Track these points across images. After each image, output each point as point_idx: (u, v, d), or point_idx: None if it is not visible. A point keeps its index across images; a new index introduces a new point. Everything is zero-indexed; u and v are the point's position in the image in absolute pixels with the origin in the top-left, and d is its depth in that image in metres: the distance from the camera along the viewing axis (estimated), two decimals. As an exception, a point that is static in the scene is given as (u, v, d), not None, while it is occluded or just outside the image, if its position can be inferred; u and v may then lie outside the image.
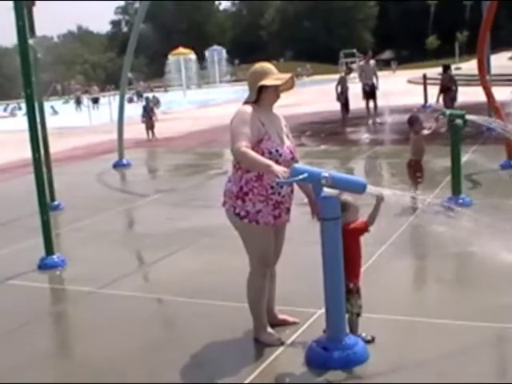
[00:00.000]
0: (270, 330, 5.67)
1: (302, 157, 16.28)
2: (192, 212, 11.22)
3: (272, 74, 5.43)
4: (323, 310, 5.28)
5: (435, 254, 8.28)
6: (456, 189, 10.03)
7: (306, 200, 5.69)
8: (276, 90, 5.45)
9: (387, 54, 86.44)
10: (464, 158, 11.40)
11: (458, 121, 10.13)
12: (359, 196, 5.08)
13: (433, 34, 75.06)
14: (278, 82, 5.39)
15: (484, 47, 13.82)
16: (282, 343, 5.52)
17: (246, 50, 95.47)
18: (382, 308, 6.13)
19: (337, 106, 23.94)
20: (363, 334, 5.40)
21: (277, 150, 5.31)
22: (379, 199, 5.16)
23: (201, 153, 19.07)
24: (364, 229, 5.30)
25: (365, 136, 19.94)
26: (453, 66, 24.78)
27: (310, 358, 5.09)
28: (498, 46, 18.53)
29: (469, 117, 10.37)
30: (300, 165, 5.01)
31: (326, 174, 4.82)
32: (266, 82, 5.36)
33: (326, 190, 4.91)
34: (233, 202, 5.38)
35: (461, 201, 9.69)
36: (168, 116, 30.25)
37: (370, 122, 22.64)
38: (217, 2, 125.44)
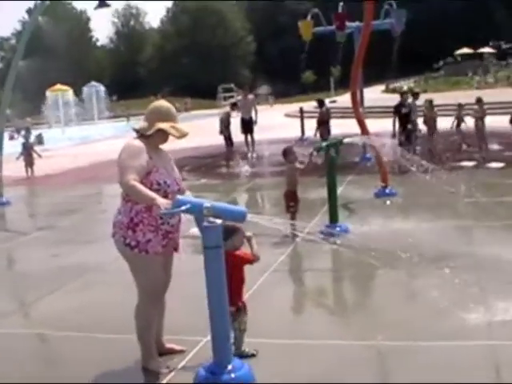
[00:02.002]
0: (158, 358, 5.78)
1: (183, 191, 16.14)
2: (74, 248, 11.08)
3: (172, 119, 5.66)
4: (209, 338, 5.42)
5: (315, 278, 8.59)
6: (333, 217, 10.39)
7: (189, 232, 5.87)
8: (167, 136, 5.67)
9: (264, 89, 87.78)
10: (340, 188, 11.79)
11: (332, 152, 10.55)
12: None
13: (308, 69, 77.01)
14: (172, 132, 5.62)
15: (357, 81, 14.41)
16: (171, 370, 5.64)
17: (124, 87, 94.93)
18: (265, 333, 6.31)
19: (216, 141, 24.21)
20: (246, 350, 5.71)
21: (165, 182, 5.52)
22: (247, 238, 5.62)
23: (81, 189, 18.77)
24: (250, 262, 5.68)
25: (244, 169, 20.25)
26: (328, 100, 25.57)
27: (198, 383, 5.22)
28: (371, 79, 19.25)
29: (348, 139, 10.83)
30: (183, 196, 5.17)
31: (208, 205, 5.01)
32: (166, 127, 5.57)
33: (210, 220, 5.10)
34: (123, 232, 5.50)
35: (338, 228, 10.05)
36: (47, 153, 29.75)
37: (249, 155, 22.96)
38: (94, 39, 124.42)
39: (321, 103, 22.79)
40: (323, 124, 21.42)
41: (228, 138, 22.64)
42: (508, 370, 5.26)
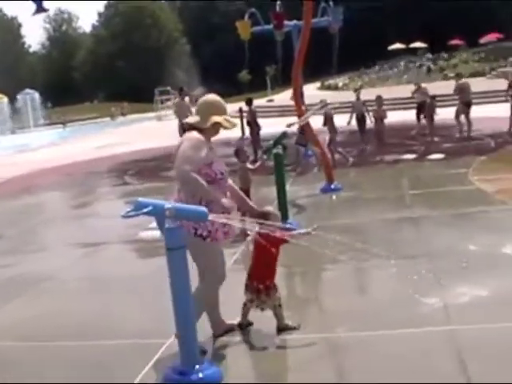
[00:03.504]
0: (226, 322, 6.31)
1: (126, 195, 16.26)
2: (24, 257, 10.82)
3: (223, 111, 6.01)
4: (172, 339, 5.46)
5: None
6: (283, 215, 10.44)
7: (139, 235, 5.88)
8: (219, 128, 6.02)
9: (200, 90, 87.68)
10: (287, 185, 11.84)
11: (278, 149, 10.63)
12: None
13: (244, 68, 77.33)
14: (226, 124, 5.99)
15: (299, 78, 14.46)
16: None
17: (59, 93, 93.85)
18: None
19: (157, 143, 23.89)
20: (290, 323, 6.14)
21: (225, 171, 5.95)
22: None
23: (23, 199, 18.49)
24: (284, 241, 6.03)
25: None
26: (266, 99, 25.54)
27: (167, 384, 5.22)
28: (306, 76, 19.42)
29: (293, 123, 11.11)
30: (144, 198, 5.15)
31: (170, 206, 5.01)
32: (220, 120, 5.93)
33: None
34: (194, 223, 5.65)
35: (288, 226, 10.09)
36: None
37: None
38: (27, 45, 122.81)
39: (249, 102, 22.48)
40: (254, 123, 21.22)
41: None
42: (468, 354, 5.37)
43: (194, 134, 5.87)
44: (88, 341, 6.32)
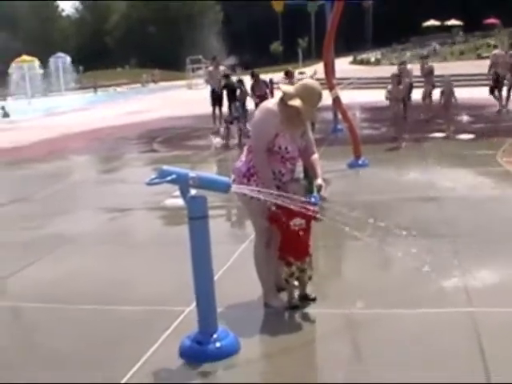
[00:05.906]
0: (279, 296, 6.30)
1: (153, 162, 16.19)
2: (49, 220, 10.89)
3: (312, 103, 5.91)
4: (193, 307, 5.49)
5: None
6: (308, 188, 10.43)
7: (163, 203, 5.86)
8: (299, 113, 5.87)
9: (231, 60, 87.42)
10: (314, 159, 11.76)
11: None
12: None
13: (277, 40, 77.02)
14: (304, 114, 5.87)
15: (330, 51, 14.38)
16: (288, 308, 6.14)
17: (90, 57, 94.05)
18: (244, 303, 6.43)
19: (187, 112, 23.82)
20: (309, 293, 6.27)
21: (286, 147, 5.99)
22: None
23: (52, 162, 18.55)
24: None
25: (216, 141, 20.18)
26: (297, 71, 25.32)
27: (184, 353, 5.23)
28: (338, 50, 19.22)
29: None
30: (168, 167, 5.16)
31: (194, 175, 5.03)
32: (299, 107, 5.81)
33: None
34: (240, 179, 6.01)
35: (313, 199, 10.08)
36: (13, 125, 29.43)
37: (219, 128, 22.44)
38: (60, 9, 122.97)
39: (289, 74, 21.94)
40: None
41: None
42: (486, 337, 5.35)
43: (268, 105, 6.03)
44: (107, 305, 6.36)
